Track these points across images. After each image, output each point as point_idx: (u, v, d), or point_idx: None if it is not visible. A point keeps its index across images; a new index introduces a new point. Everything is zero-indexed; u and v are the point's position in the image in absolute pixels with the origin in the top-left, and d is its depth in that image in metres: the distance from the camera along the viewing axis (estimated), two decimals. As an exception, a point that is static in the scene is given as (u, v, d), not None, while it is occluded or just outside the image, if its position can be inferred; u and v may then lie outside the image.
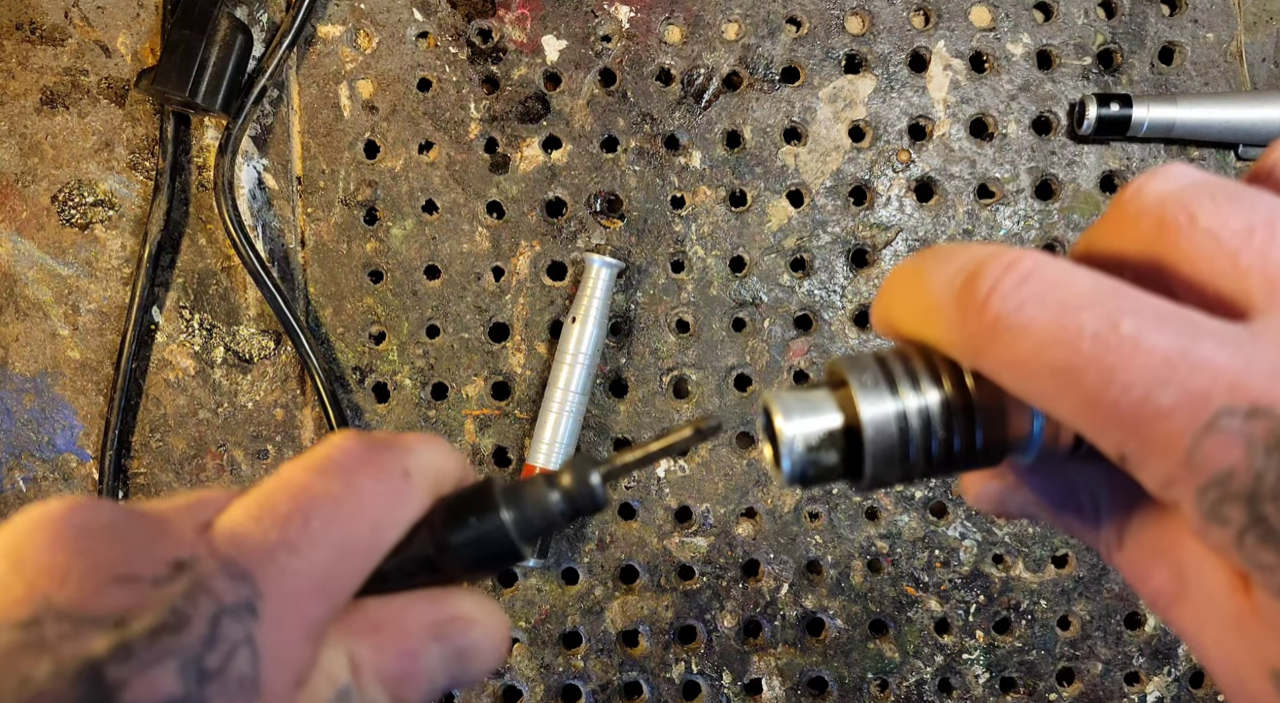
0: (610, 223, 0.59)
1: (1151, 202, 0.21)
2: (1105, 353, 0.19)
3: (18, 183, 0.60)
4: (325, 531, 0.22)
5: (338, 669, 0.22)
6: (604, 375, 0.59)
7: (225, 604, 0.20)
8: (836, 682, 0.59)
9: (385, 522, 0.23)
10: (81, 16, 0.60)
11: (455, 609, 0.24)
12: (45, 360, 0.61)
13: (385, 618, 0.24)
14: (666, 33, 0.59)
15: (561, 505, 0.25)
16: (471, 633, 0.24)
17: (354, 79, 0.60)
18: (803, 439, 0.23)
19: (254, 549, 0.21)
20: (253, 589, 0.21)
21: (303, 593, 0.21)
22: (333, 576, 0.22)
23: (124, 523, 0.21)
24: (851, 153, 0.59)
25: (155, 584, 0.20)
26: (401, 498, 0.24)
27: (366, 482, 0.23)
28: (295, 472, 0.23)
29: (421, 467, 0.24)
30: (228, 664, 0.20)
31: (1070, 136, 0.58)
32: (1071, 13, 0.58)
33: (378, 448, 0.24)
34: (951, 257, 0.22)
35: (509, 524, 0.24)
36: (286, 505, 0.22)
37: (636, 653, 0.60)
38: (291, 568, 0.21)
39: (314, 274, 0.60)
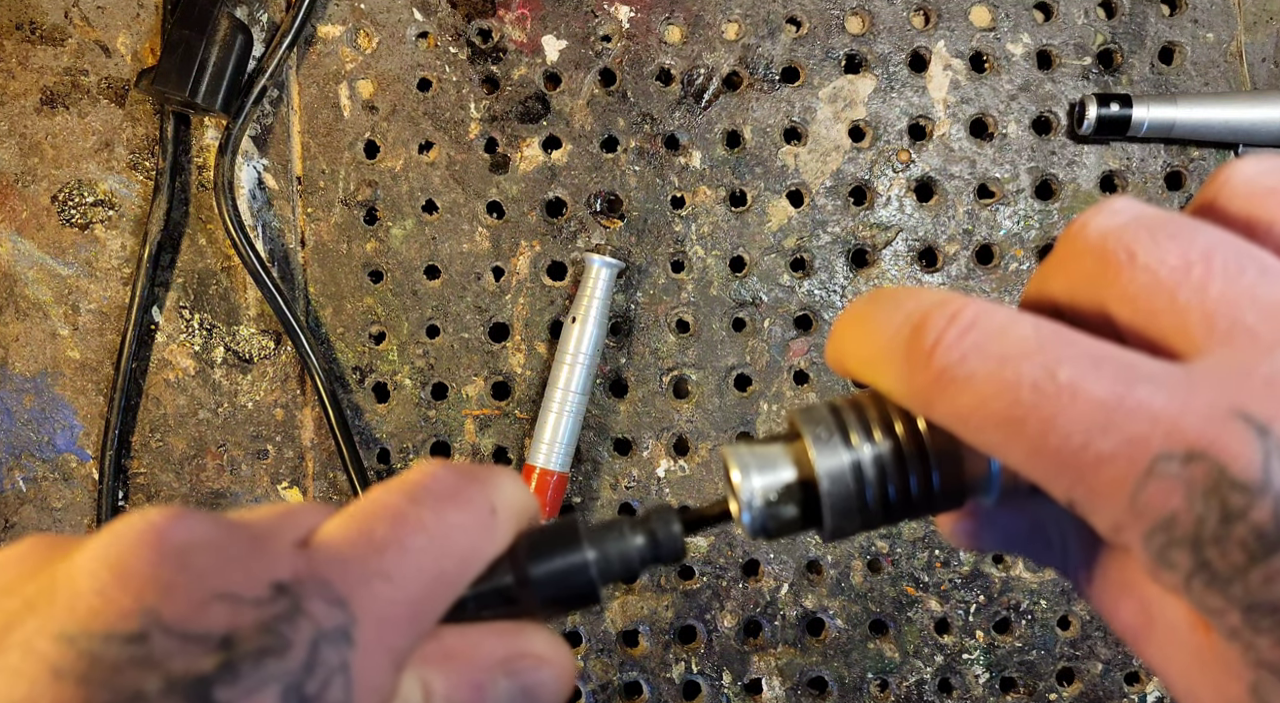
0: (610, 223, 0.59)
1: (1094, 239, 0.21)
2: (1043, 402, 0.19)
3: (18, 183, 0.60)
4: (419, 560, 0.22)
5: (412, 696, 0.22)
6: (604, 375, 0.59)
7: (324, 629, 0.20)
8: (836, 682, 0.59)
9: (472, 556, 0.23)
10: (81, 16, 0.60)
11: (528, 646, 0.24)
12: (45, 360, 0.61)
13: (460, 648, 0.24)
14: (666, 33, 0.59)
15: (644, 551, 0.25)
16: (541, 672, 0.24)
17: (354, 79, 0.60)
18: (760, 494, 0.23)
19: (351, 574, 0.21)
20: (348, 615, 0.21)
21: (394, 621, 0.21)
22: (421, 606, 0.22)
23: (225, 538, 0.21)
24: (851, 153, 0.59)
25: (257, 605, 0.20)
26: (488, 533, 0.24)
27: (457, 514, 0.23)
28: (390, 496, 0.23)
29: (506, 502, 0.25)
30: (325, 691, 0.20)
31: (1070, 136, 0.58)
32: (1071, 13, 0.58)
33: (467, 480, 0.24)
34: (899, 303, 0.22)
35: (591, 564, 0.24)
36: (383, 531, 0.22)
37: (636, 653, 0.60)
38: (385, 596, 0.21)
39: (314, 274, 0.60)
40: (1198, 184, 0.58)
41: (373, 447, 0.60)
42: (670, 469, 0.59)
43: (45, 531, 0.61)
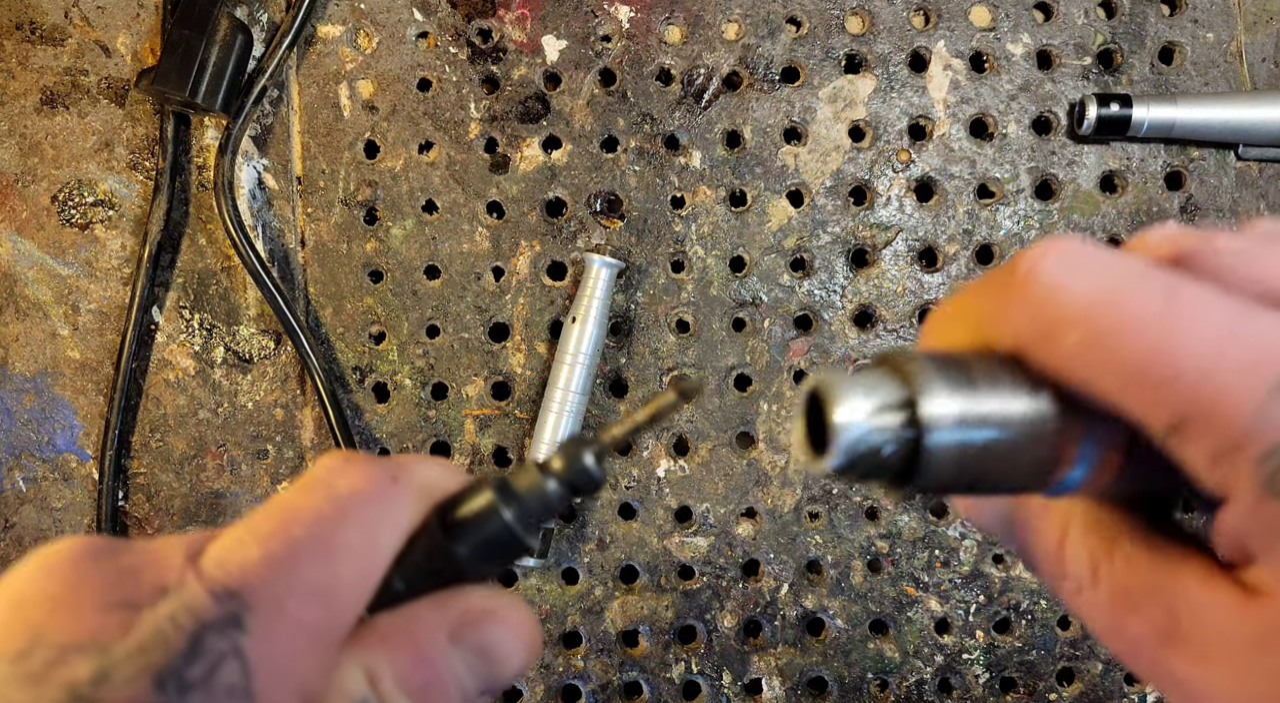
0: (610, 223, 0.59)
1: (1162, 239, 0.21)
2: (1167, 311, 0.18)
3: (18, 183, 0.60)
4: (310, 541, 0.22)
5: (353, 683, 0.22)
6: (604, 375, 0.59)
7: (207, 620, 0.21)
8: (836, 682, 0.59)
9: (374, 524, 0.23)
10: (81, 16, 0.60)
11: (465, 607, 0.24)
12: (45, 360, 0.61)
13: (394, 627, 0.23)
14: (666, 33, 0.59)
15: (559, 491, 0.25)
16: (489, 629, 0.24)
17: (354, 79, 0.60)
18: (864, 413, 0.20)
19: (239, 567, 0.21)
20: (239, 604, 0.21)
21: (294, 602, 0.21)
22: (325, 583, 0.22)
23: (113, 555, 0.22)
24: (851, 153, 0.59)
25: (139, 609, 0.21)
26: (387, 500, 0.23)
27: (349, 490, 0.23)
28: (282, 495, 0.24)
29: (409, 474, 0.24)
30: (213, 675, 0.20)
31: (1070, 136, 0.58)
32: (1071, 13, 0.58)
33: (362, 460, 0.24)
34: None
35: (511, 521, 0.24)
36: (269, 524, 0.22)
37: (636, 653, 0.60)
38: (278, 579, 0.21)
39: (314, 274, 0.60)
40: (1198, 184, 0.58)
41: (373, 447, 0.60)
42: (670, 469, 0.59)
43: (45, 530, 0.61)
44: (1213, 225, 0.58)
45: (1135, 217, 0.58)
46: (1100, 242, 0.21)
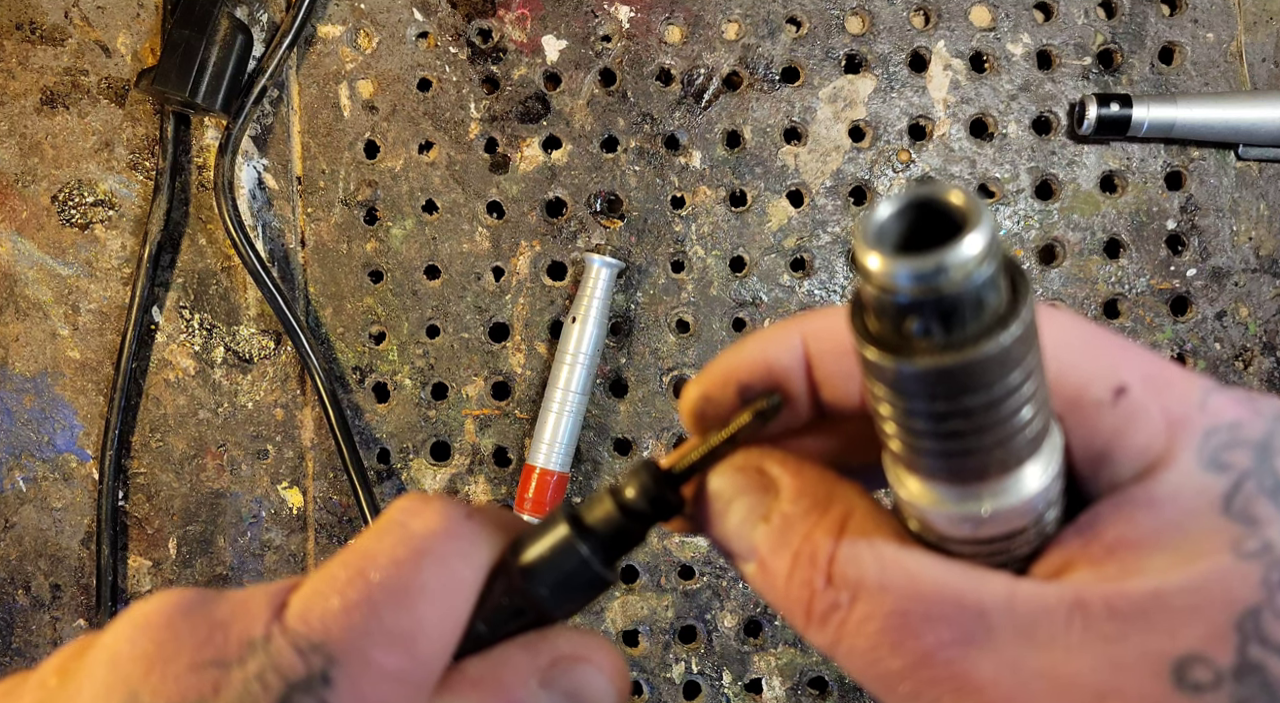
0: (610, 223, 0.59)
1: None
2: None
3: (18, 183, 0.60)
4: (388, 585, 0.22)
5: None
6: (604, 375, 0.59)
7: (294, 679, 0.20)
8: (836, 682, 0.59)
9: (452, 564, 0.23)
10: (81, 16, 0.60)
11: (554, 651, 0.23)
12: (45, 360, 0.61)
13: (484, 672, 0.23)
14: (666, 33, 0.59)
15: (635, 525, 0.24)
16: (579, 673, 0.23)
17: (354, 79, 0.60)
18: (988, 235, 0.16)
19: (320, 619, 0.21)
20: (325, 659, 0.21)
21: (378, 652, 0.21)
22: (408, 629, 0.22)
23: (205, 608, 0.22)
24: (851, 153, 0.59)
25: (229, 667, 0.20)
26: (463, 539, 0.23)
27: (425, 530, 0.23)
28: (357, 541, 0.23)
29: (483, 510, 0.24)
30: None
31: (1070, 136, 0.58)
32: (1071, 13, 0.58)
33: (435, 499, 0.24)
34: None
35: (586, 555, 0.23)
36: (346, 571, 0.22)
37: (636, 653, 0.60)
38: (360, 629, 0.21)
39: (314, 274, 0.60)
40: (1198, 184, 0.58)
41: (373, 447, 0.60)
42: (670, 469, 0.59)
43: (45, 530, 0.61)
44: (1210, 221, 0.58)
45: (1135, 216, 0.58)
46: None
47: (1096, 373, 0.20)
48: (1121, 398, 0.20)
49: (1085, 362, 0.20)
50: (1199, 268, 0.58)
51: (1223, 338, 0.58)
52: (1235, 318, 0.58)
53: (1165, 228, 0.58)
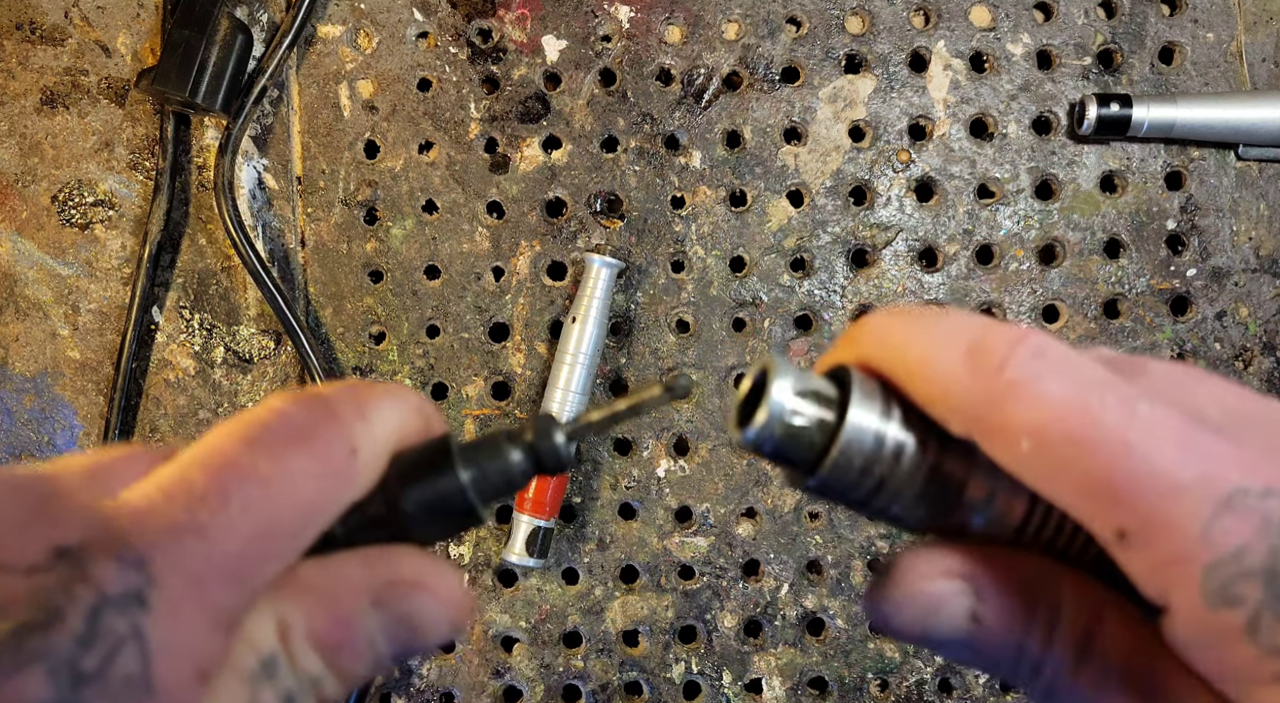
0: (610, 223, 0.59)
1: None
2: (1124, 430, 0.19)
3: (18, 183, 0.60)
4: (244, 513, 0.19)
5: (263, 635, 0.20)
6: (604, 375, 0.59)
7: (108, 595, 0.18)
8: (836, 682, 0.59)
9: (319, 505, 0.21)
10: (81, 16, 0.60)
11: (396, 572, 0.22)
12: (45, 360, 0.61)
13: (317, 580, 0.21)
14: (666, 33, 0.59)
15: (524, 464, 0.23)
16: (416, 599, 0.22)
17: (354, 79, 0.60)
18: (792, 392, 0.22)
19: (154, 531, 0.19)
20: (144, 577, 0.18)
21: (208, 580, 0.19)
22: (248, 560, 0.20)
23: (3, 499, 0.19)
24: (851, 153, 0.59)
25: (29, 574, 0.17)
26: (342, 480, 0.21)
27: (302, 459, 0.21)
28: (223, 439, 0.21)
29: (373, 437, 0.22)
30: (110, 664, 0.17)
31: (1070, 136, 0.58)
32: (1071, 13, 0.58)
33: (323, 417, 0.21)
34: (947, 316, 0.22)
35: (467, 484, 0.23)
36: (203, 482, 0.20)
37: (636, 653, 0.60)
38: (196, 553, 0.19)
39: (314, 274, 0.60)
40: (1198, 184, 0.58)
41: (373, 447, 0.60)
42: (670, 469, 0.59)
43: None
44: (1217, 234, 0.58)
45: (1135, 216, 0.58)
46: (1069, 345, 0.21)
47: (1097, 513, 0.20)
48: (1124, 541, 0.19)
49: (1088, 503, 0.20)
50: (1199, 268, 0.58)
51: (1223, 338, 0.58)
52: (1235, 318, 0.58)
53: (1165, 228, 0.58)
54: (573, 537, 0.60)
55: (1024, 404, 0.20)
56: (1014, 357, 0.20)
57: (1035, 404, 0.20)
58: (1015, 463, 0.20)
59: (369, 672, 0.22)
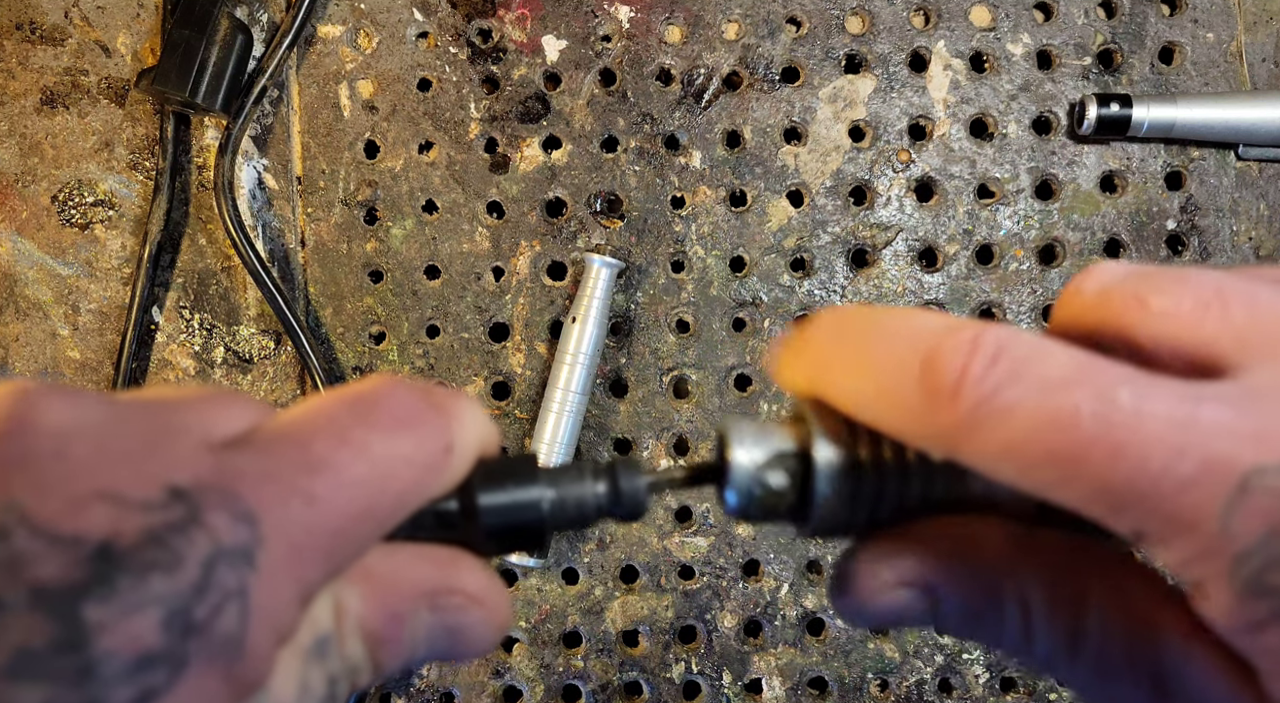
0: (610, 223, 0.59)
1: (1095, 296, 0.20)
2: (1109, 430, 0.17)
3: (18, 183, 0.60)
4: (352, 488, 0.19)
5: (322, 615, 0.20)
6: (604, 375, 0.59)
7: (223, 547, 0.17)
8: (836, 682, 0.59)
9: (413, 493, 0.21)
10: (81, 16, 0.60)
11: (460, 580, 0.22)
12: (45, 360, 0.61)
13: (384, 570, 0.21)
14: (666, 33, 0.59)
15: (602, 501, 0.23)
16: (470, 612, 0.22)
17: (354, 79, 0.60)
18: (751, 459, 0.22)
19: (268, 488, 0.18)
20: (255, 535, 0.18)
21: (307, 551, 0.18)
22: (342, 539, 0.19)
23: (117, 425, 0.18)
24: (851, 153, 0.59)
25: (146, 509, 0.17)
26: (438, 472, 0.21)
27: (408, 444, 0.20)
28: (339, 409, 0.20)
29: (466, 439, 0.22)
30: (216, 618, 0.17)
31: (1070, 136, 0.58)
32: (1071, 13, 0.58)
33: (429, 407, 0.21)
34: (896, 331, 0.20)
35: (545, 502, 0.23)
36: (320, 448, 0.19)
37: (636, 653, 0.60)
38: (303, 520, 0.18)
39: (314, 274, 0.60)
40: (1198, 184, 0.58)
41: (373, 447, 0.60)
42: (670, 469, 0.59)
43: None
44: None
45: (1135, 216, 0.58)
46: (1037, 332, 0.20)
47: (1107, 519, 0.18)
48: (1144, 541, 0.18)
49: (1095, 512, 0.18)
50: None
51: (1223, 338, 0.58)
52: (1235, 318, 0.58)
53: (1165, 228, 0.58)
54: (573, 537, 0.60)
55: (991, 429, 0.18)
56: (969, 372, 0.18)
57: (1003, 427, 0.18)
58: (1009, 480, 0.19)
59: (397, 670, 0.22)
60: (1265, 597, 0.17)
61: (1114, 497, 0.17)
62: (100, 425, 0.18)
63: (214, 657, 0.17)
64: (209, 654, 0.17)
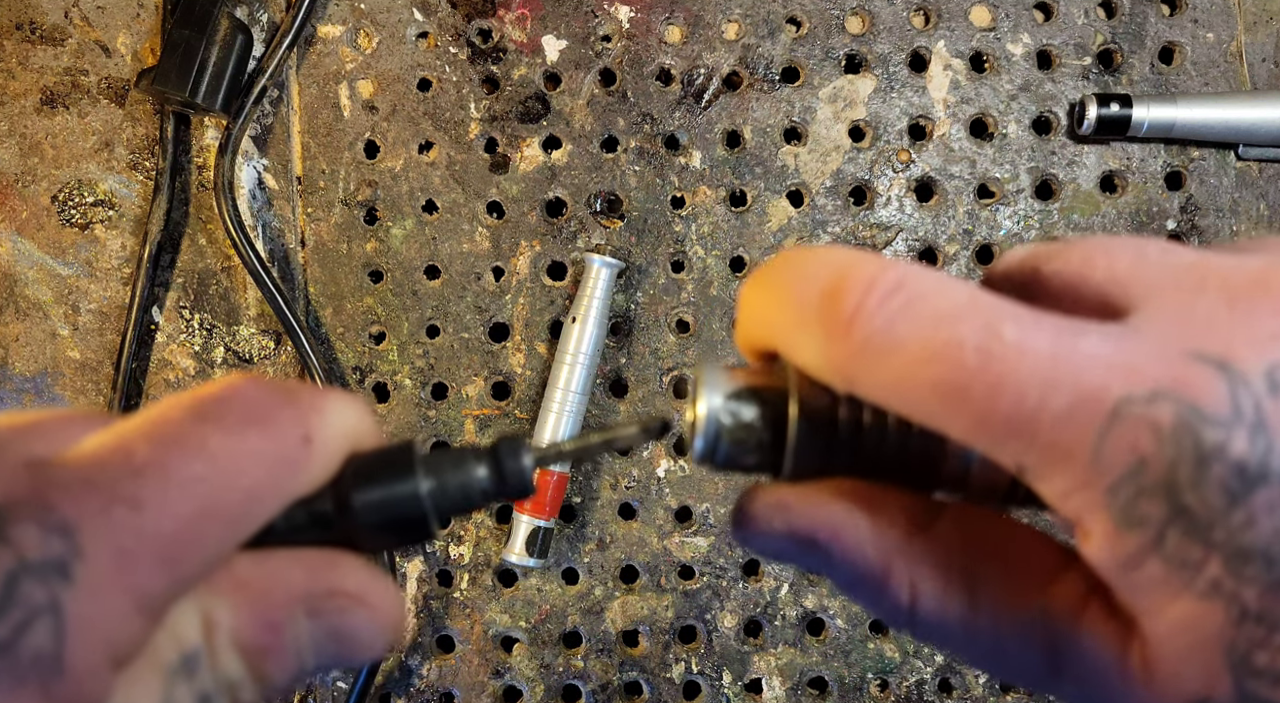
0: (610, 223, 0.59)
1: (1016, 259, 0.22)
2: (990, 363, 0.18)
3: (18, 183, 0.60)
4: (184, 490, 0.18)
5: (187, 629, 0.19)
6: (604, 375, 0.59)
7: (27, 561, 0.16)
8: (836, 682, 0.59)
9: (266, 492, 0.20)
10: (81, 16, 0.60)
11: (337, 582, 0.21)
12: (45, 360, 0.61)
13: (255, 577, 0.20)
14: (666, 33, 0.59)
15: (486, 484, 0.22)
16: (353, 614, 0.21)
17: (354, 79, 0.60)
18: (722, 396, 0.21)
19: (84, 498, 0.17)
20: (69, 546, 0.17)
21: (138, 558, 0.17)
22: (183, 543, 0.18)
23: None
24: (851, 153, 0.59)
25: None
26: (292, 467, 0.20)
27: (255, 439, 0.19)
28: (171, 410, 0.19)
29: (329, 431, 0.21)
30: (20, 636, 0.16)
31: (1070, 136, 0.58)
32: (1071, 13, 0.58)
33: (280, 400, 0.20)
34: (809, 266, 0.20)
35: (424, 493, 0.21)
36: (146, 451, 0.18)
37: (636, 653, 0.60)
38: (127, 527, 0.17)
39: (314, 274, 0.60)
40: (1198, 184, 0.58)
41: (373, 447, 0.60)
42: (670, 469, 0.59)
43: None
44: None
45: (1135, 216, 0.58)
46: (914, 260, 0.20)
47: (993, 452, 0.18)
48: (1027, 474, 0.18)
49: (982, 444, 0.18)
50: (1199, 268, 0.58)
51: (1223, 338, 0.58)
52: (1235, 318, 0.58)
53: (1165, 228, 0.58)
54: (573, 537, 0.60)
55: (882, 361, 0.18)
56: (864, 306, 0.19)
57: (893, 359, 0.18)
58: (903, 413, 0.19)
59: (289, 681, 0.21)
60: (1137, 527, 0.17)
61: (995, 429, 0.18)
62: None
63: (22, 676, 0.16)
64: (15, 674, 0.16)
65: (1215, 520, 0.17)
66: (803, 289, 0.20)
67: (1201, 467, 0.17)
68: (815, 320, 0.19)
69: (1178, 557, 0.17)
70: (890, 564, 0.21)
